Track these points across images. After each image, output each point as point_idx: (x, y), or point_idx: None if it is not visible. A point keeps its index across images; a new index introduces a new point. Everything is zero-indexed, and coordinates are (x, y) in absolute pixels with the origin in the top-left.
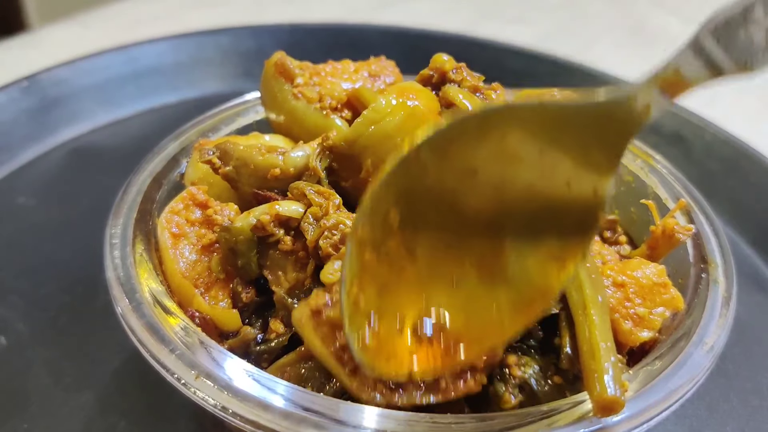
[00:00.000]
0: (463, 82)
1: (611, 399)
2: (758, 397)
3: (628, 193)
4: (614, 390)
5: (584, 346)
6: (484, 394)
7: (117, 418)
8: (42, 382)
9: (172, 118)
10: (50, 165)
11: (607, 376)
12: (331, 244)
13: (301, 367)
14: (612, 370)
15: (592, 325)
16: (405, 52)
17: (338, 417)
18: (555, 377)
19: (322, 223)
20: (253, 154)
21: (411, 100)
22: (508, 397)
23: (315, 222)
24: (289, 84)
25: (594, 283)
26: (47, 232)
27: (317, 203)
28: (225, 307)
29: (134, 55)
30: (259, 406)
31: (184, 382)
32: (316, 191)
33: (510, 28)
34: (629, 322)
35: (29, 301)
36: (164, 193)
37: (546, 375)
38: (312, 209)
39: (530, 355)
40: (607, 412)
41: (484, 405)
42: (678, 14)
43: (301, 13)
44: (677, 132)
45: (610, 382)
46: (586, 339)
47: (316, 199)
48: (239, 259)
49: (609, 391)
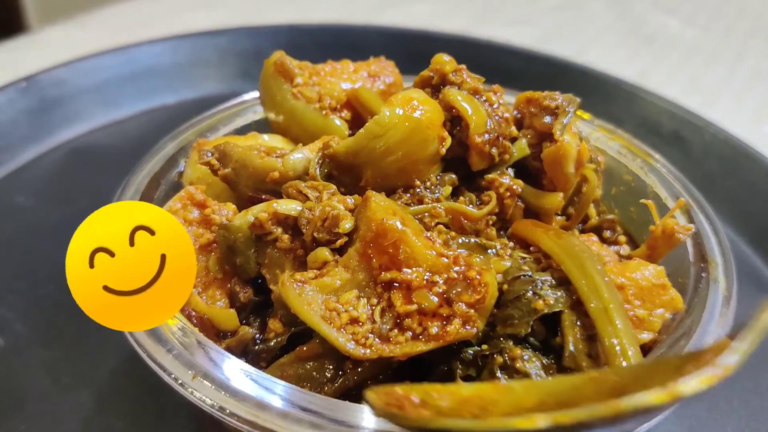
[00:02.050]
0: (463, 85)
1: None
2: (759, 397)
3: (628, 193)
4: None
5: (611, 353)
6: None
7: (115, 419)
8: (40, 383)
9: (170, 118)
10: (49, 165)
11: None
12: (325, 239)
13: (299, 367)
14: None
15: (617, 331)
16: (404, 53)
17: (336, 417)
18: (557, 375)
19: (316, 213)
20: (252, 157)
21: (415, 110)
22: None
23: (311, 214)
24: (288, 84)
25: (609, 285)
26: (46, 232)
27: (313, 196)
28: (222, 306)
29: (133, 55)
30: (256, 406)
31: (181, 383)
32: (310, 186)
33: (509, 29)
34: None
35: (28, 301)
36: (162, 193)
37: (548, 372)
38: (308, 203)
39: (534, 352)
40: None
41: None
42: (676, 15)
43: (299, 14)
44: (677, 132)
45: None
46: (613, 346)
47: (311, 194)
48: (237, 258)
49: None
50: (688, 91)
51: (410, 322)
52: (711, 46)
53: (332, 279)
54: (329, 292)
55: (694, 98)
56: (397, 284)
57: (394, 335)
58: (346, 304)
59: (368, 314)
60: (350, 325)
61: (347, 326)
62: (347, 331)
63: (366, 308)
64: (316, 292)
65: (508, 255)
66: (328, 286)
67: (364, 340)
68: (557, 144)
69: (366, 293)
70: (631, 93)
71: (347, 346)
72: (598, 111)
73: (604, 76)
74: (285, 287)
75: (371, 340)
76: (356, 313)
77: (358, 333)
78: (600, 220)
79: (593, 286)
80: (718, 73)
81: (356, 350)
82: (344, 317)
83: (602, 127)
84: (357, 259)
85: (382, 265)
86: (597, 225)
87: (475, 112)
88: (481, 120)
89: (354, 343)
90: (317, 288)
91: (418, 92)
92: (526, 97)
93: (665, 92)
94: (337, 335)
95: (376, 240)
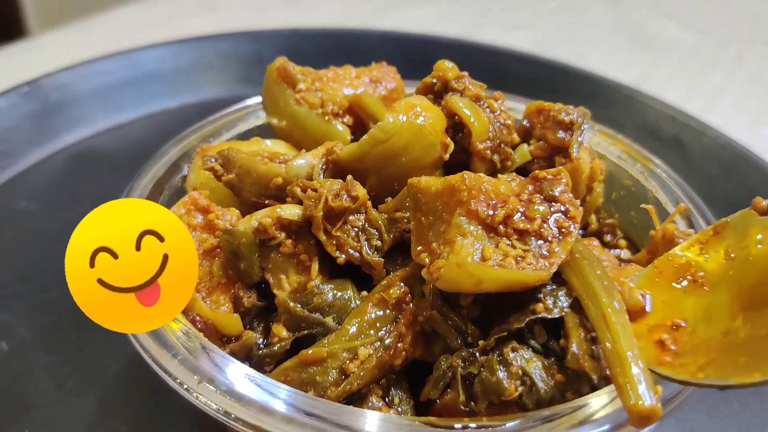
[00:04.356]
0: (465, 91)
1: (649, 409)
2: (758, 400)
3: (628, 197)
4: (650, 399)
5: (611, 358)
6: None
7: (119, 423)
8: (44, 387)
9: (172, 122)
10: (51, 170)
11: (641, 386)
12: (344, 199)
13: (302, 371)
14: (644, 379)
15: (615, 335)
16: (405, 58)
17: (340, 421)
18: (557, 375)
19: (323, 190)
20: (256, 162)
21: (418, 117)
22: (513, 388)
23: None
24: (291, 89)
25: (607, 290)
26: (48, 236)
27: (315, 187)
28: (226, 311)
29: (135, 60)
30: (261, 410)
31: (186, 387)
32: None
33: (508, 33)
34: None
35: (31, 306)
36: (166, 198)
37: (549, 372)
38: (310, 192)
39: (535, 353)
40: (645, 422)
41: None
42: (676, 19)
43: (301, 18)
44: (676, 136)
45: (645, 392)
46: (610, 350)
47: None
48: (241, 263)
49: (646, 402)
50: (688, 95)
51: (542, 232)
52: (710, 50)
53: (469, 241)
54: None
55: (693, 102)
56: (508, 216)
57: (546, 246)
58: (497, 250)
59: (515, 249)
60: (521, 260)
61: (521, 262)
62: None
63: (509, 246)
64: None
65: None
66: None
67: (536, 264)
68: (573, 164)
69: (494, 240)
70: (631, 97)
71: (541, 274)
72: (598, 115)
73: (604, 80)
74: (467, 265)
75: (540, 260)
76: (512, 251)
77: (529, 261)
78: (600, 225)
79: (592, 292)
80: (717, 78)
81: (546, 271)
82: (511, 255)
83: (603, 132)
84: (468, 219)
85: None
86: (597, 230)
87: (477, 119)
88: (483, 127)
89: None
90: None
91: (421, 99)
92: (536, 106)
93: (665, 96)
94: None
95: (457, 194)
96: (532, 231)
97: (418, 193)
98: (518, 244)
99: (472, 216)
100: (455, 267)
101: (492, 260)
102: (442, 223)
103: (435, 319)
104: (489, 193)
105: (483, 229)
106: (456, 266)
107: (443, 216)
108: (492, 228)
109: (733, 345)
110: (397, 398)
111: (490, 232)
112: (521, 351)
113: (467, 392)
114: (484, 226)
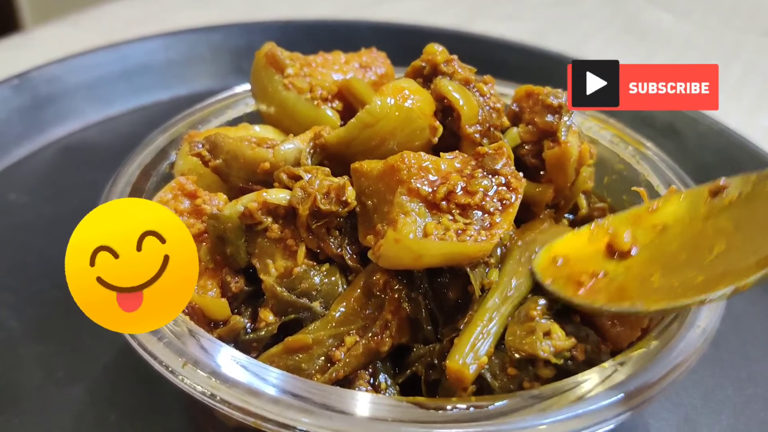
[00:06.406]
0: (454, 75)
1: (460, 367)
2: (753, 385)
3: (620, 181)
4: (470, 365)
5: (467, 323)
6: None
7: (108, 411)
8: (34, 378)
9: (163, 115)
10: (41, 162)
11: (469, 347)
12: (333, 202)
13: (288, 358)
14: (478, 349)
15: (483, 305)
16: (397, 49)
17: (327, 403)
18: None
19: (314, 187)
20: (243, 148)
21: (407, 100)
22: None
23: (308, 189)
24: (279, 75)
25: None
26: (39, 228)
27: (306, 178)
28: (214, 296)
29: (125, 52)
30: (247, 392)
31: (171, 370)
32: (304, 169)
33: (502, 25)
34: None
35: (21, 297)
36: (153, 185)
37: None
38: (300, 182)
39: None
40: (455, 381)
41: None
42: (671, 10)
43: (293, 10)
44: (671, 124)
45: (470, 358)
46: (470, 316)
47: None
48: (228, 248)
49: (461, 361)
50: None
51: (484, 204)
52: (706, 40)
53: (411, 218)
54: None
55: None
56: (450, 192)
57: (489, 219)
58: (439, 226)
59: (457, 222)
60: (462, 233)
61: (461, 235)
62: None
63: (452, 221)
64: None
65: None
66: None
67: (477, 236)
68: (561, 147)
69: (437, 216)
70: None
71: (482, 245)
72: None
73: None
74: (405, 240)
75: (481, 233)
76: (454, 225)
77: (470, 233)
78: (591, 209)
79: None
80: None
81: (488, 242)
82: (453, 230)
83: (594, 116)
84: (409, 198)
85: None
86: (588, 214)
87: (467, 103)
88: (473, 110)
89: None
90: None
91: (410, 82)
92: (525, 90)
93: None
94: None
95: (397, 174)
96: (474, 204)
97: (361, 177)
98: (460, 218)
99: (413, 194)
100: (393, 243)
101: (433, 235)
102: (385, 205)
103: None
104: (429, 171)
105: (425, 206)
106: (394, 242)
107: (386, 197)
108: (434, 205)
109: (647, 290)
110: (384, 383)
111: (433, 209)
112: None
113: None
114: (426, 203)
